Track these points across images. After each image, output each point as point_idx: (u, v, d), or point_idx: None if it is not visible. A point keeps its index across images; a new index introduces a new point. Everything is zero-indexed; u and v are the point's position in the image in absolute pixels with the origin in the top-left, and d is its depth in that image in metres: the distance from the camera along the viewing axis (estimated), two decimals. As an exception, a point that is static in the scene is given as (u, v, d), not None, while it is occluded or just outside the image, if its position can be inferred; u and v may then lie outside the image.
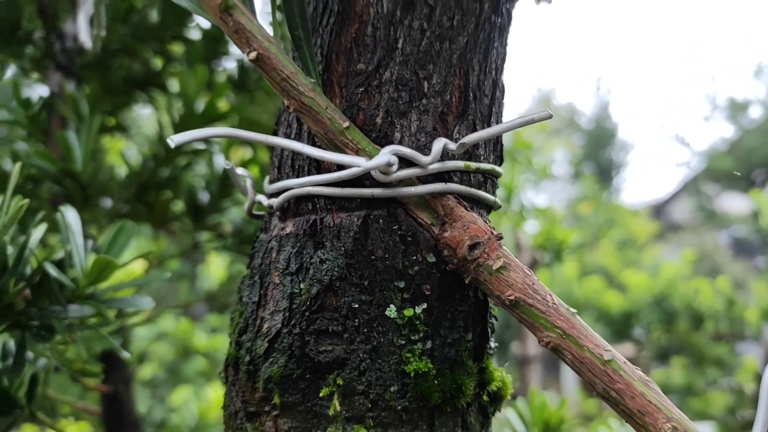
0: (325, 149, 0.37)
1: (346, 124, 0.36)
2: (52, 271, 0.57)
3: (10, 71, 1.18)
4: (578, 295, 4.75)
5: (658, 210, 11.82)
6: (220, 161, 1.12)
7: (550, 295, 0.36)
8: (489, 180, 0.41)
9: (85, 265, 0.62)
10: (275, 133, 0.44)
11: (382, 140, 0.37)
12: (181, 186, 1.13)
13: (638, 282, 4.51)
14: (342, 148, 0.36)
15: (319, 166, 0.39)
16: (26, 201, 0.56)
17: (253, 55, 0.33)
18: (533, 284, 0.36)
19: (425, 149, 0.37)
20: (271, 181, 0.43)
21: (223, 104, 1.05)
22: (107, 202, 1.07)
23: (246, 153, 1.37)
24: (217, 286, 2.27)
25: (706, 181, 9.69)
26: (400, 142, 0.37)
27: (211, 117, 1.04)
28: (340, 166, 0.36)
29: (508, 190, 1.95)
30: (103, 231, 1.13)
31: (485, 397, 0.41)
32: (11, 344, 0.64)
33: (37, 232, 0.60)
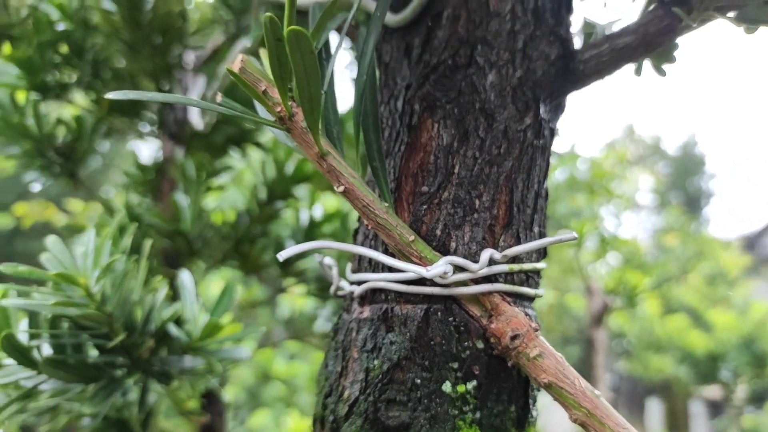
0: (395, 257, 0.46)
1: (412, 237, 0.45)
2: (174, 330, 0.70)
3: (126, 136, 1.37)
4: (660, 334, 4.61)
5: (751, 242, 11.16)
6: (305, 215, 1.25)
7: (578, 378, 0.44)
8: (531, 277, 0.50)
9: (198, 321, 0.75)
10: (355, 236, 0.54)
11: (441, 248, 0.47)
12: (270, 237, 1.26)
13: (725, 322, 4.33)
14: (408, 257, 0.46)
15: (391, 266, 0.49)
16: (146, 263, 0.69)
17: (341, 189, 0.43)
18: (564, 369, 0.44)
19: (476, 256, 0.47)
20: (353, 272, 0.53)
21: (307, 168, 1.18)
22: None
23: (329, 202, 1.50)
24: (297, 314, 2.41)
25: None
26: (455, 250, 0.47)
27: (299, 179, 1.17)
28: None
29: (580, 230, 1.98)
30: (202, 277, 1.28)
31: (526, 459, 0.49)
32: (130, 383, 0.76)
33: (160, 294, 0.74)
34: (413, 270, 0.44)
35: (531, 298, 0.50)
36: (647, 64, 0.55)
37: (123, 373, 0.70)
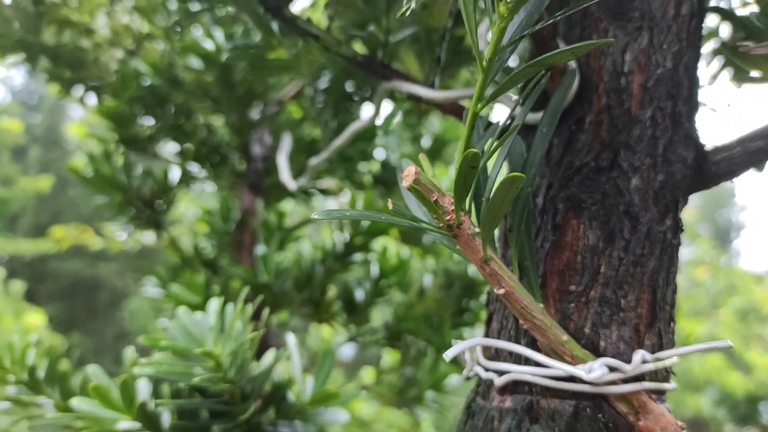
0: (545, 354, 0.49)
1: (565, 338, 0.48)
2: (290, 395, 0.73)
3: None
4: (698, 374, 4.52)
5: (785, 276, 10.93)
6: (375, 268, 1.28)
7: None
8: (669, 371, 0.52)
9: (303, 385, 0.77)
10: (490, 319, 0.57)
11: (590, 346, 0.49)
12: (340, 286, 1.29)
13: (764, 363, 4.24)
14: (560, 355, 0.48)
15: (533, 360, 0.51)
16: (254, 333, 0.72)
17: (502, 291, 0.46)
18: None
19: (623, 355, 0.49)
20: (488, 358, 0.56)
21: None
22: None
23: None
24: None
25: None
26: (605, 349, 0.49)
27: (375, 233, 1.20)
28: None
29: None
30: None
31: None
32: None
33: (269, 358, 0.76)
34: (570, 370, 0.47)
35: (664, 393, 0.52)
36: None
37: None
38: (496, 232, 0.59)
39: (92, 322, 8.30)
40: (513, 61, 0.73)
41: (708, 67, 0.65)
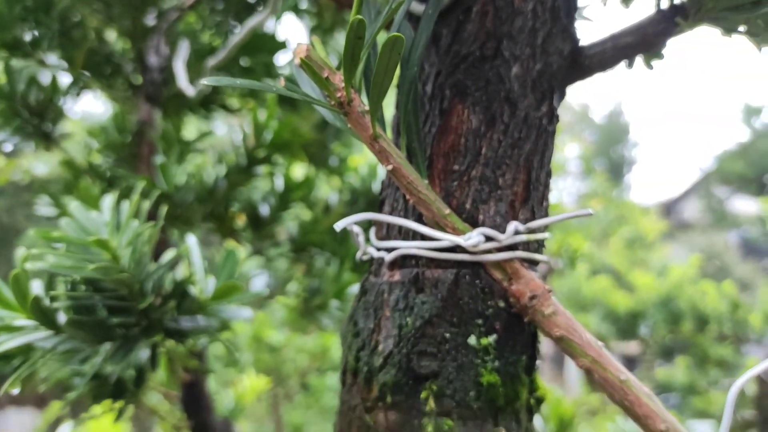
0: (431, 227, 0.53)
1: (447, 211, 0.52)
2: (191, 290, 0.74)
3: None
4: (587, 294, 4.90)
5: (669, 209, 11.86)
6: (279, 181, 1.29)
7: (585, 332, 0.52)
8: (541, 244, 0.57)
9: (205, 282, 0.79)
10: (382, 203, 0.60)
11: (470, 220, 0.53)
12: (243, 201, 1.29)
13: (646, 283, 4.64)
14: (443, 227, 0.52)
15: (423, 235, 0.55)
16: (151, 224, 0.72)
17: (390, 167, 0.49)
18: (573, 324, 0.52)
19: (500, 227, 0.53)
20: (380, 238, 0.59)
21: (286, 133, 1.21)
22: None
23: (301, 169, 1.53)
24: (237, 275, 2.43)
25: (717, 182, 9.74)
26: (483, 222, 0.53)
27: (278, 145, 1.20)
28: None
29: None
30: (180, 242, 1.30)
31: (532, 401, 0.58)
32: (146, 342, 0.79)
33: (167, 257, 0.77)
34: (451, 239, 0.51)
35: (537, 263, 0.58)
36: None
37: (139, 333, 0.74)
38: (391, 122, 0.62)
39: (-19, 260, 7.79)
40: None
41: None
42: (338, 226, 0.49)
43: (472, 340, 0.53)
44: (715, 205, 9.76)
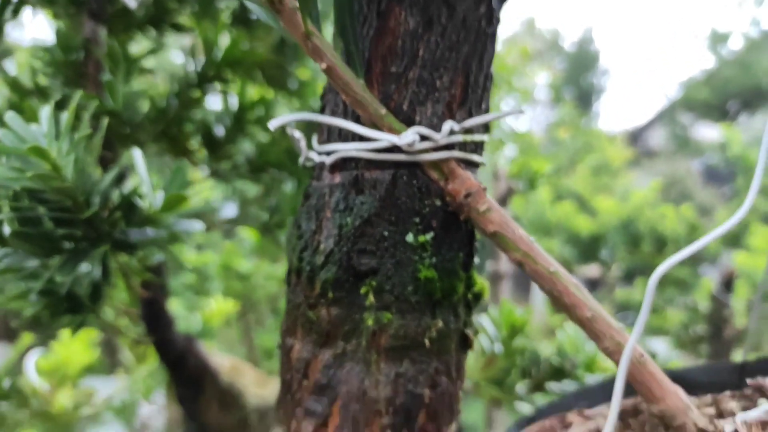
0: (369, 128, 0.53)
1: (384, 111, 0.52)
2: (138, 201, 0.74)
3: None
4: (551, 218, 5.00)
5: (635, 137, 12.01)
6: (234, 99, 1.27)
7: (518, 228, 0.54)
8: (479, 146, 0.58)
9: (153, 197, 0.79)
10: (323, 109, 0.60)
11: (407, 121, 0.54)
12: (198, 121, 1.27)
13: (608, 207, 4.75)
14: (380, 127, 0.53)
15: (362, 137, 0.55)
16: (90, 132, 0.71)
17: (324, 66, 0.49)
18: (506, 221, 0.54)
19: (437, 128, 0.54)
20: (321, 143, 0.60)
21: (238, 51, 1.19)
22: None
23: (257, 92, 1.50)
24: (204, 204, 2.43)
25: (682, 109, 9.85)
26: (420, 123, 0.54)
27: (230, 62, 1.18)
28: (378, 139, 0.53)
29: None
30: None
31: (470, 296, 0.60)
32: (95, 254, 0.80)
33: (112, 171, 0.76)
34: (387, 138, 0.51)
35: (477, 165, 0.59)
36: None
37: (87, 245, 0.74)
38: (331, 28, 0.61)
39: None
40: None
41: None
42: (272, 124, 0.50)
43: (409, 237, 0.55)
44: (679, 132, 9.90)
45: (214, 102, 1.38)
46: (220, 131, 1.29)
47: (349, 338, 0.57)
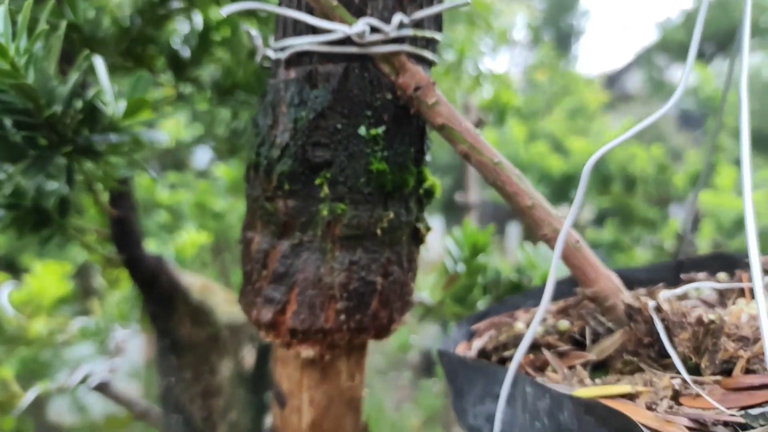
0: (321, 19, 0.54)
1: (335, 3, 0.53)
2: (101, 106, 0.75)
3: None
4: (524, 158, 5.05)
5: (612, 80, 12.01)
6: (198, 18, 1.25)
7: (464, 121, 0.57)
8: (431, 44, 0.60)
9: (115, 105, 0.79)
10: (281, 4, 0.61)
11: (358, 14, 0.55)
12: (163, 41, 1.26)
13: (580, 147, 4.80)
14: (331, 19, 0.54)
15: (315, 31, 0.57)
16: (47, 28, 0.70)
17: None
18: (454, 114, 0.57)
19: (388, 21, 0.56)
20: (277, 40, 0.61)
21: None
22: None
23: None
24: (173, 143, 2.42)
25: (659, 52, 9.84)
26: (371, 16, 0.55)
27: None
28: (330, 31, 0.54)
29: (460, 52, 2.09)
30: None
31: (421, 191, 0.63)
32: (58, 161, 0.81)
33: (73, 76, 0.76)
34: (338, 28, 0.53)
35: (429, 63, 0.61)
36: None
37: (50, 151, 0.75)
38: None
39: None
40: None
41: None
42: (224, 11, 0.51)
43: (362, 130, 0.57)
44: (654, 75, 9.92)
45: (181, 25, 1.36)
46: (185, 52, 1.28)
47: (306, 229, 0.60)
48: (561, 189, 5.07)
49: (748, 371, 0.48)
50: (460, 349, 0.65)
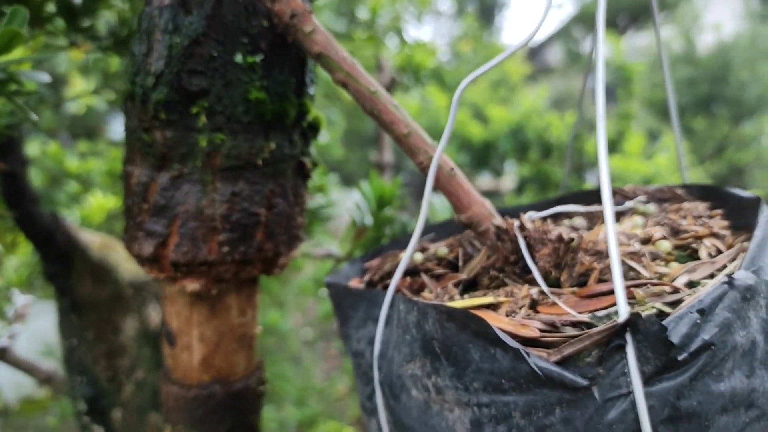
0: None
1: None
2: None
3: None
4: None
5: (534, 52, 12.29)
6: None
7: (341, 50, 0.57)
8: (308, -26, 0.60)
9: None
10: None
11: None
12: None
13: (499, 115, 4.92)
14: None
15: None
16: None
17: None
18: (330, 43, 0.57)
19: (260, -54, 0.55)
20: (151, -34, 0.59)
21: None
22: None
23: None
24: (83, 111, 2.31)
25: (577, 25, 10.13)
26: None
27: None
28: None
29: (373, 11, 2.08)
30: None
31: (305, 124, 0.64)
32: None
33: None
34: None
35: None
36: None
37: None
38: None
39: None
40: None
41: None
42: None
43: (238, 58, 0.57)
44: (572, 48, 10.22)
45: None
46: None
47: (185, 160, 0.59)
48: (481, 156, 5.18)
49: (600, 281, 0.52)
50: (353, 284, 0.66)
